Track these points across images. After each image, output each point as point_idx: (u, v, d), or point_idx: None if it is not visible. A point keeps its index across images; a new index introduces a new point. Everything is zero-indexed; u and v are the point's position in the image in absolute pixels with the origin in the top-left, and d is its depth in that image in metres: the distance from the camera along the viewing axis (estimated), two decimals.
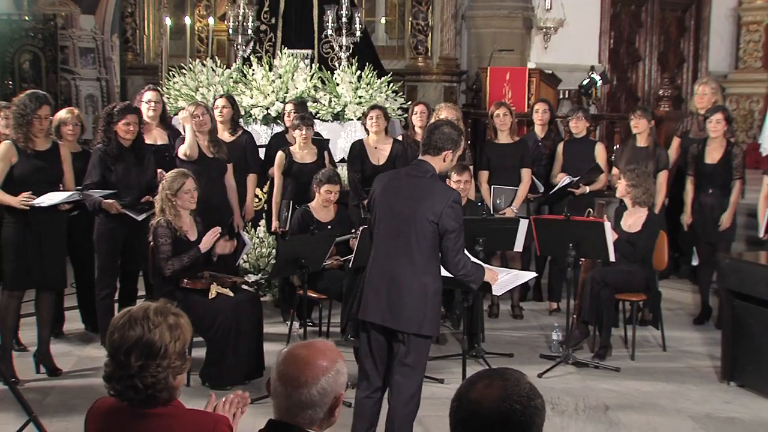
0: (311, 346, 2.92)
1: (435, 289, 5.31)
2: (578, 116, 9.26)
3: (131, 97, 13.76)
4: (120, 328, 3.07)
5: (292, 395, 2.82)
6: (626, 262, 7.69)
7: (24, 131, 6.85)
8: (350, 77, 10.18)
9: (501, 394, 2.44)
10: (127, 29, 14.29)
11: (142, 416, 3.08)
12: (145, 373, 3.02)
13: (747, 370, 7.08)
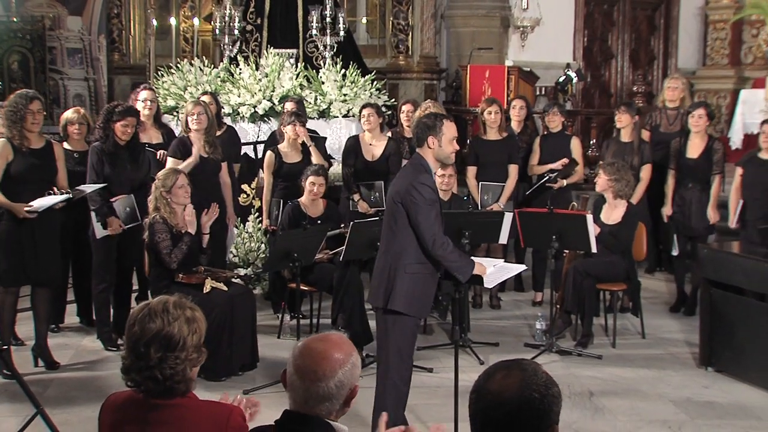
0: (327, 340, 2.91)
1: (404, 265, 5.40)
2: (554, 111, 9.29)
3: (118, 96, 13.76)
4: (140, 321, 3.07)
5: (309, 388, 2.81)
6: (608, 253, 7.72)
7: (18, 128, 6.86)
8: (335, 76, 10.19)
9: (520, 384, 2.45)
10: (113, 30, 14.22)
11: (158, 407, 3.07)
12: (164, 365, 3.02)
13: (724, 356, 7.15)
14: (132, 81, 14.43)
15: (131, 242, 7.53)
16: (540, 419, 2.44)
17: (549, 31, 13.09)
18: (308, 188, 7.93)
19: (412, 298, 5.46)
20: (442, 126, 5.41)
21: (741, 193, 8.36)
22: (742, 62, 14.52)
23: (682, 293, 8.91)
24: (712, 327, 7.21)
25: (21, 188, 6.75)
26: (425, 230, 5.30)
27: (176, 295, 3.33)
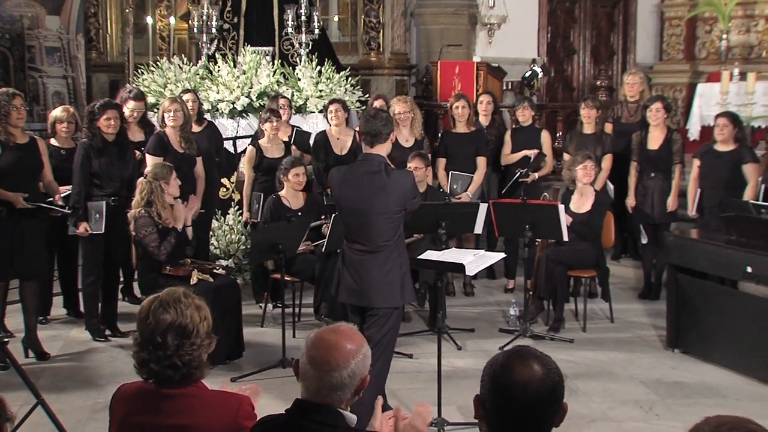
0: (339, 332, 2.93)
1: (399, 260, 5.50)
2: (524, 106, 9.36)
3: (96, 93, 13.65)
4: (153, 313, 3.08)
5: (323, 378, 2.82)
6: (578, 242, 7.78)
7: (3, 124, 6.84)
8: (311, 72, 10.14)
9: (544, 372, 2.49)
10: (91, 29, 14.08)
11: (170, 397, 3.06)
12: (182, 352, 3.05)
13: (690, 338, 7.24)
14: (110, 78, 14.35)
15: (118, 236, 7.47)
16: (559, 401, 2.51)
17: (514, 28, 13.12)
18: (292, 180, 7.91)
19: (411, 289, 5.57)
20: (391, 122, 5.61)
21: (698, 182, 8.46)
22: (697, 57, 14.63)
23: (648, 280, 8.97)
24: (678, 310, 7.30)
25: (8, 182, 6.72)
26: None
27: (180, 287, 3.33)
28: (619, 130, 9.46)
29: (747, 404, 6.20)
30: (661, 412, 6.07)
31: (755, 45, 14.01)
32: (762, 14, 13.98)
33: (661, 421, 5.91)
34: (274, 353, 7.08)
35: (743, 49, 13.98)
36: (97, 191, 7.41)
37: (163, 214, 6.94)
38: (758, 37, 14.03)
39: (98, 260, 7.51)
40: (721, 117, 8.39)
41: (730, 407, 6.15)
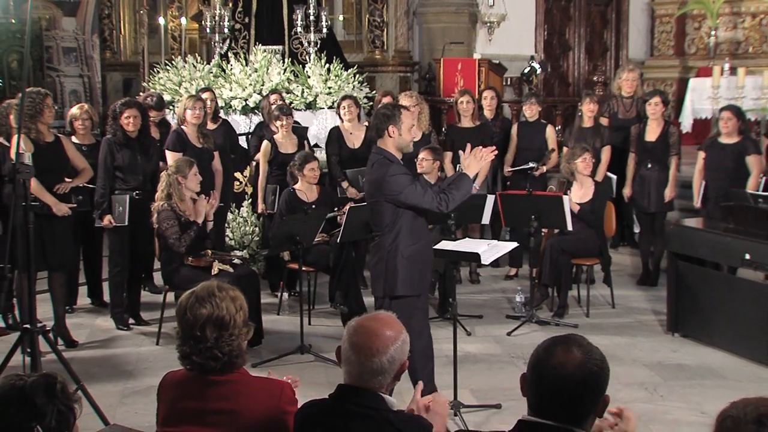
0: (378, 319, 2.94)
1: (400, 251, 5.41)
2: (531, 102, 9.39)
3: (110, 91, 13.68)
4: (190, 308, 3.07)
5: (364, 363, 2.83)
6: (582, 231, 7.78)
7: (35, 122, 6.89)
8: (320, 70, 10.15)
9: (582, 359, 2.50)
10: (105, 29, 14.09)
11: (215, 383, 3.07)
12: (221, 343, 3.04)
13: (690, 322, 7.25)
14: (123, 77, 14.38)
15: (142, 228, 7.45)
16: (598, 391, 2.52)
17: (513, 26, 13.15)
18: (308, 174, 7.88)
19: (412, 279, 5.44)
20: (400, 115, 5.36)
21: (704, 174, 8.46)
22: (686, 53, 14.71)
23: (646, 267, 8.99)
24: (678, 296, 7.31)
25: (40, 179, 6.69)
26: (425, 204, 5.27)
27: (213, 279, 3.34)
28: (616, 125, 9.46)
29: (747, 385, 6.22)
30: (665, 393, 6.09)
31: (742, 41, 14.09)
32: (748, 11, 14.06)
33: (666, 402, 5.93)
34: (291, 340, 7.10)
35: (731, 45, 14.05)
36: (121, 185, 7.44)
37: (180, 206, 6.95)
38: (745, 34, 14.10)
39: (123, 251, 7.52)
40: (725, 110, 8.36)
41: (730, 388, 6.17)
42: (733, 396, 6.11)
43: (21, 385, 2.38)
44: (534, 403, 2.55)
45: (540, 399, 2.52)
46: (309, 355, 6.81)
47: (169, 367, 6.51)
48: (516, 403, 5.84)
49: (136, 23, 14.27)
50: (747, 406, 2.27)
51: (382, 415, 2.81)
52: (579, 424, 2.52)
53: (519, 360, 6.79)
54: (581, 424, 2.52)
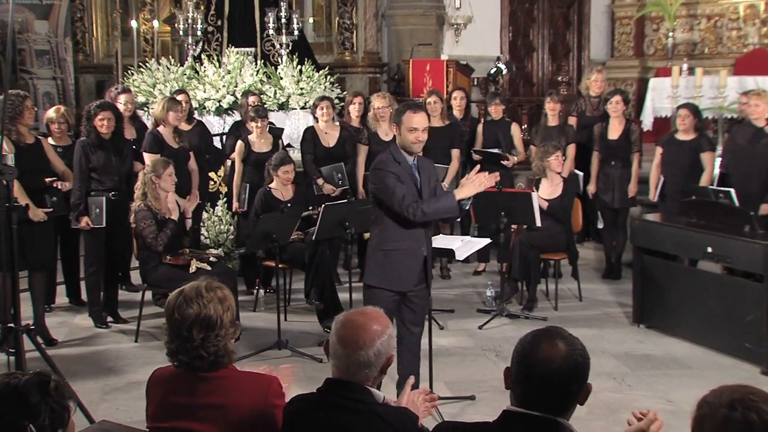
0: (365, 314, 2.94)
1: (383, 245, 5.36)
2: (496, 102, 9.42)
3: (84, 93, 13.52)
4: (178, 308, 3.05)
5: (351, 356, 2.83)
6: (550, 226, 7.82)
7: (15, 125, 6.85)
8: (292, 71, 10.13)
9: (567, 351, 2.53)
10: (77, 32, 13.92)
11: (204, 379, 3.05)
12: (207, 343, 3.02)
13: (654, 314, 7.33)
14: (96, 79, 14.22)
15: (119, 228, 7.43)
16: (582, 379, 2.53)
17: (479, 28, 13.19)
18: (282, 177, 7.84)
19: (383, 273, 5.37)
20: (402, 116, 5.32)
21: (660, 169, 8.55)
22: (645, 54, 14.83)
23: (609, 261, 9.07)
24: (643, 289, 7.39)
25: (21, 181, 6.61)
26: (394, 206, 5.15)
27: (202, 278, 3.30)
28: (584, 123, 9.53)
29: (710, 373, 6.31)
30: (632, 383, 6.15)
31: (698, 42, 14.25)
32: (704, 14, 14.22)
33: (634, 391, 5.98)
34: (268, 336, 7.08)
35: (687, 46, 14.20)
36: (96, 186, 7.35)
37: (155, 204, 6.93)
38: (701, 35, 14.26)
39: (99, 252, 7.45)
40: (682, 108, 8.46)
41: (694, 377, 6.26)
42: (698, 384, 6.23)
43: (15, 383, 2.34)
44: (520, 395, 2.56)
45: (526, 391, 2.54)
46: (286, 351, 6.80)
47: (149, 364, 6.54)
48: (489, 394, 5.89)
49: (108, 26, 14.15)
50: (722, 393, 2.32)
51: (369, 407, 2.81)
52: (563, 413, 2.54)
53: (491, 352, 6.82)
54: (564, 413, 2.55)
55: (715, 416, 2.26)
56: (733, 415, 2.23)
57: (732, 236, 6.56)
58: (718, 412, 2.26)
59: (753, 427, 2.20)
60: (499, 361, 6.62)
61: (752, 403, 2.24)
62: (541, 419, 2.51)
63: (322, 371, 6.15)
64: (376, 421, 2.78)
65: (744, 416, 2.22)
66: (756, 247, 6.34)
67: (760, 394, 2.30)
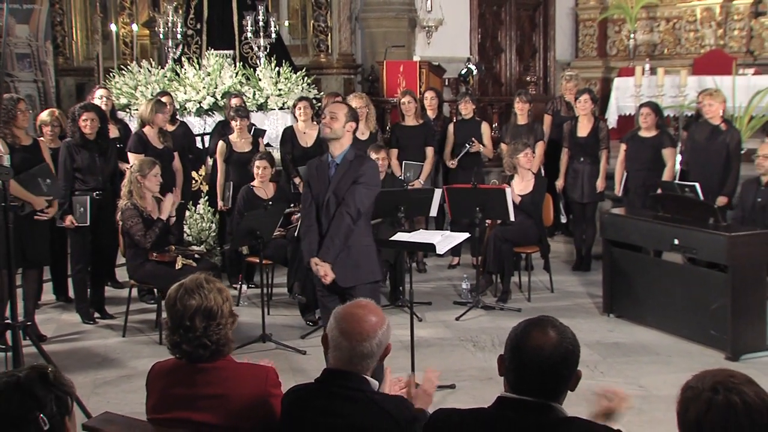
0: (362, 306, 2.95)
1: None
2: (466, 100, 9.46)
3: (64, 95, 13.41)
4: (180, 300, 3.05)
5: (355, 348, 2.83)
6: (523, 221, 7.86)
7: (10, 127, 6.82)
8: (270, 73, 10.11)
9: (558, 340, 2.56)
10: (57, 36, 13.79)
11: (203, 370, 3.05)
12: (210, 332, 3.03)
13: (623, 304, 7.39)
14: (76, 82, 14.09)
15: (104, 227, 7.41)
16: (572, 366, 2.57)
17: (449, 30, 13.20)
18: (255, 172, 7.90)
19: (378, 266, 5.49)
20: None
21: (624, 165, 8.64)
22: (608, 54, 14.98)
23: (579, 254, 9.13)
24: (613, 280, 7.45)
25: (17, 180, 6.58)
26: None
27: (199, 272, 3.31)
28: (558, 122, 9.60)
29: (678, 359, 6.38)
30: (604, 369, 6.20)
31: (658, 43, 14.42)
32: (663, 16, 14.40)
33: (606, 378, 6.01)
34: (252, 329, 7.04)
35: (648, 47, 14.37)
36: (81, 186, 7.33)
37: (141, 203, 6.90)
38: (660, 36, 14.43)
39: (85, 249, 7.42)
40: (644, 106, 8.56)
41: (663, 363, 6.33)
42: (666, 370, 6.28)
43: (16, 380, 2.34)
44: (513, 381, 2.59)
45: (520, 378, 2.56)
46: (270, 344, 6.79)
47: (137, 358, 6.51)
48: (468, 383, 5.93)
49: (87, 30, 14.03)
50: (705, 377, 2.37)
51: (367, 396, 2.82)
52: (555, 398, 2.57)
53: (468, 343, 6.85)
54: (557, 398, 2.58)
55: (699, 399, 2.30)
56: (716, 398, 2.28)
57: (697, 228, 6.63)
58: (701, 396, 2.30)
59: (735, 408, 2.25)
60: (476, 351, 6.65)
61: (734, 386, 2.30)
62: (535, 404, 2.53)
63: (306, 363, 6.25)
64: (373, 408, 2.79)
65: (726, 398, 2.27)
66: (720, 238, 6.42)
67: (740, 376, 2.35)
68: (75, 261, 7.47)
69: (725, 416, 2.24)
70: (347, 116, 5.17)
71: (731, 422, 2.23)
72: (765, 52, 13.28)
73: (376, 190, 5.30)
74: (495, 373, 6.01)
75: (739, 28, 13.59)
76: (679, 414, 2.35)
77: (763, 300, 6.51)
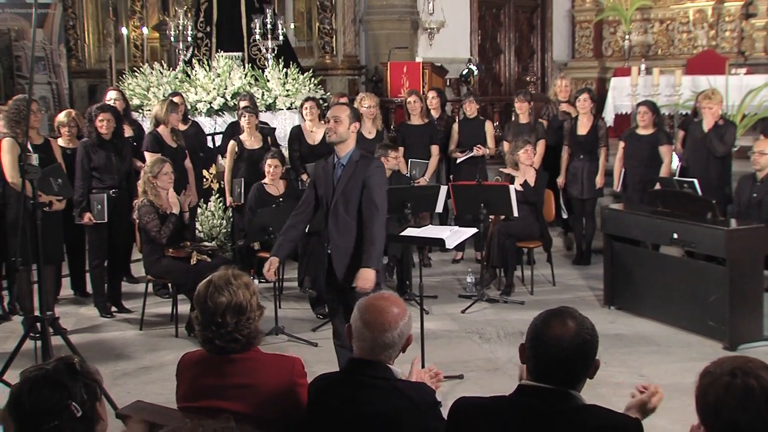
0: (385, 298, 2.98)
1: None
2: (470, 100, 9.46)
3: (77, 97, 13.43)
4: (210, 297, 3.07)
5: (377, 338, 2.86)
6: (525, 216, 7.87)
7: (22, 127, 6.71)
8: (278, 74, 10.12)
9: (576, 330, 2.59)
10: (70, 39, 13.79)
11: (232, 361, 3.07)
12: (240, 327, 3.05)
13: (624, 296, 7.42)
14: (88, 84, 14.10)
15: (120, 224, 7.44)
16: (591, 357, 2.59)
17: (451, 32, 13.20)
18: (266, 170, 7.91)
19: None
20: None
21: (623, 162, 8.66)
22: (604, 55, 15.00)
23: (579, 248, 9.14)
24: (613, 273, 7.47)
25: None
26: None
27: (222, 267, 3.32)
28: (555, 126, 9.55)
29: (677, 350, 6.42)
30: (607, 360, 6.18)
31: (652, 44, 14.45)
32: (657, 18, 14.43)
33: (609, 368, 6.01)
34: (264, 323, 6.84)
35: (642, 48, 14.41)
36: (98, 184, 7.37)
37: (156, 201, 6.93)
38: (654, 38, 14.45)
39: (102, 245, 7.46)
40: (642, 105, 8.60)
41: (663, 353, 6.36)
42: (666, 360, 6.30)
43: (44, 372, 2.36)
44: (534, 369, 2.61)
45: (540, 366, 2.59)
46: (283, 336, 6.81)
47: (154, 351, 6.54)
48: (475, 373, 5.95)
49: (99, 33, 14.03)
50: (723, 363, 2.39)
51: (390, 383, 2.85)
52: (574, 386, 2.60)
53: (474, 335, 6.87)
54: (576, 385, 2.60)
55: (718, 384, 2.32)
56: (735, 382, 2.30)
57: (696, 223, 6.67)
58: (720, 380, 2.32)
59: (753, 391, 2.27)
60: (482, 342, 6.68)
61: (751, 370, 2.32)
62: (554, 391, 2.56)
63: (317, 355, 6.27)
64: (396, 395, 2.82)
65: (744, 382, 2.29)
66: (718, 232, 6.45)
67: (757, 362, 2.38)
68: (92, 257, 7.50)
69: (743, 399, 2.26)
70: (350, 117, 5.10)
71: (749, 405, 2.25)
72: (756, 52, 13.30)
73: (386, 189, 5.29)
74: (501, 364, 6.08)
75: (730, 29, 13.61)
76: (697, 398, 2.37)
77: (759, 292, 6.55)
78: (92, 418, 2.35)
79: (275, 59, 10.44)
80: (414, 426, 2.76)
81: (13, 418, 2.30)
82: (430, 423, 2.80)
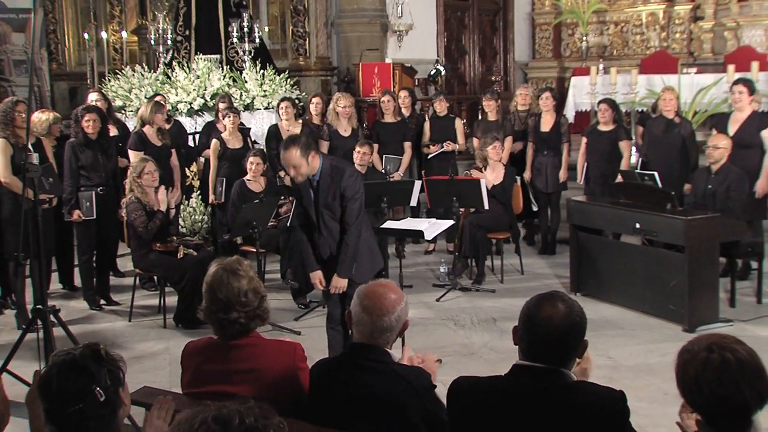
0: (382, 285, 3.01)
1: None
2: (441, 99, 9.51)
3: (58, 99, 13.26)
4: (228, 284, 3.11)
5: (376, 322, 2.88)
6: (495, 209, 7.93)
7: (11, 128, 6.77)
8: (256, 75, 10.09)
9: (566, 311, 2.63)
10: (50, 43, 13.59)
11: (235, 347, 3.09)
12: (262, 305, 3.15)
13: (589, 283, 7.51)
14: (69, 86, 13.91)
15: (108, 220, 7.40)
16: (579, 337, 2.65)
17: (418, 34, 13.22)
18: (248, 167, 7.89)
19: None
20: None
21: (585, 156, 8.76)
22: (563, 55, 15.15)
23: (545, 238, 9.23)
24: (579, 261, 7.56)
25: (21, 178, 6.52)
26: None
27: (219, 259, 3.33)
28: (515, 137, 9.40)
29: (640, 332, 6.52)
30: None
31: (608, 45, 14.63)
32: (612, 20, 14.62)
33: None
34: None
35: (599, 48, 14.58)
36: (85, 182, 7.31)
37: (143, 198, 6.89)
38: (610, 39, 14.63)
39: (91, 241, 7.41)
40: (602, 103, 8.70)
41: (627, 336, 6.44)
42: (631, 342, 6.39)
43: (72, 358, 2.39)
44: (526, 349, 2.66)
45: (532, 346, 2.63)
46: (267, 326, 6.77)
47: (144, 341, 6.52)
48: (452, 358, 5.99)
49: (78, 37, 13.84)
50: (700, 340, 2.45)
51: (389, 367, 2.88)
52: (564, 364, 2.64)
53: (449, 321, 6.92)
54: (566, 364, 2.65)
55: (696, 360, 2.38)
56: (712, 357, 2.36)
57: (657, 213, 6.78)
58: (698, 356, 2.38)
59: (729, 364, 2.34)
60: (457, 328, 6.73)
61: (726, 345, 2.38)
62: (546, 369, 2.61)
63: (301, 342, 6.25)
64: (394, 378, 2.85)
65: (721, 356, 2.35)
66: (678, 222, 6.56)
67: (731, 337, 2.45)
68: (81, 252, 7.44)
69: (721, 372, 2.32)
70: (303, 155, 4.92)
71: (727, 377, 2.31)
72: (704, 53, 13.54)
73: (362, 195, 5.23)
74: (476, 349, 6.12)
75: (680, 31, 13.84)
76: (677, 374, 2.43)
77: (715, 277, 6.68)
78: (115, 402, 2.38)
79: (252, 61, 10.40)
80: (412, 406, 2.79)
81: (43, 398, 2.36)
82: (427, 404, 2.83)
